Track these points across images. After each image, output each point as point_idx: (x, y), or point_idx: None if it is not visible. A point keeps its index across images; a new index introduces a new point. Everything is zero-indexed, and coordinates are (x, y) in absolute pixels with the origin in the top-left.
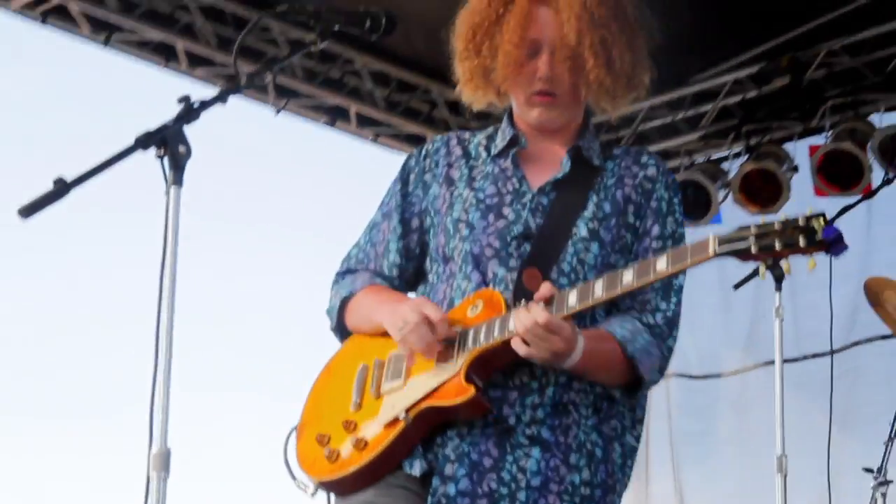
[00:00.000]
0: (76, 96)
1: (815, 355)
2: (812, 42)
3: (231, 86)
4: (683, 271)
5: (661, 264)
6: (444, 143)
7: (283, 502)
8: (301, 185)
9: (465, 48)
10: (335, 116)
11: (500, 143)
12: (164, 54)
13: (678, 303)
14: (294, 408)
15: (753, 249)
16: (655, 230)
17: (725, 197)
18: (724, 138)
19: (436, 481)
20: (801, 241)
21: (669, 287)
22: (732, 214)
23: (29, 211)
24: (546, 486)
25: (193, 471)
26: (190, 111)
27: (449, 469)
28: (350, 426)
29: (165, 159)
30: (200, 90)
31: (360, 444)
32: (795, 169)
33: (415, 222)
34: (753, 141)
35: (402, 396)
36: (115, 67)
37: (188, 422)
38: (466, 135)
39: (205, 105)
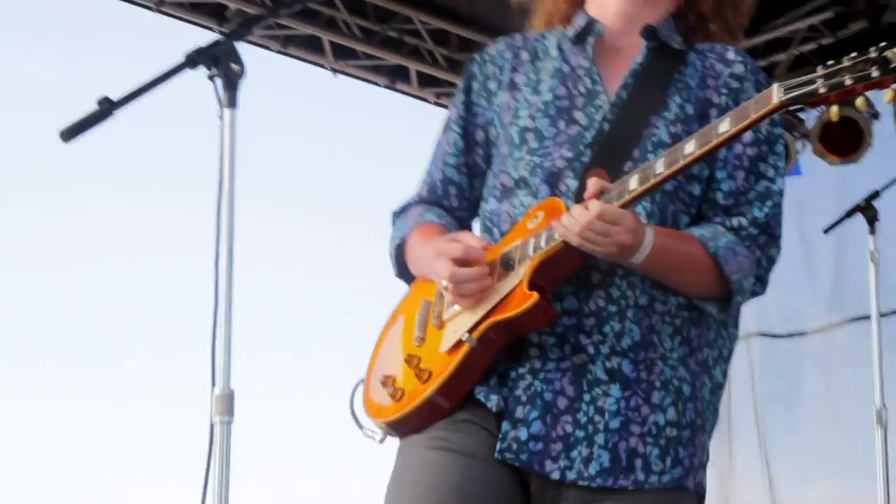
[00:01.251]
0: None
1: None
2: None
3: (286, 0)
4: (776, 177)
5: (724, 125)
6: (508, 46)
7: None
8: (362, 147)
9: None
10: (395, 77)
11: (570, 33)
12: (218, 18)
13: (775, 207)
14: (365, 353)
15: (822, 90)
16: (748, 135)
17: (804, 148)
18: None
19: (506, 425)
20: (875, 72)
21: (765, 193)
22: (812, 165)
23: (71, 133)
24: (627, 427)
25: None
26: (244, 26)
27: (520, 412)
28: (413, 360)
29: (218, 80)
30: (257, 53)
31: (424, 376)
32: (876, 115)
33: (479, 135)
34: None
35: (464, 319)
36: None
37: (255, 367)
38: (534, 34)
39: (259, 18)
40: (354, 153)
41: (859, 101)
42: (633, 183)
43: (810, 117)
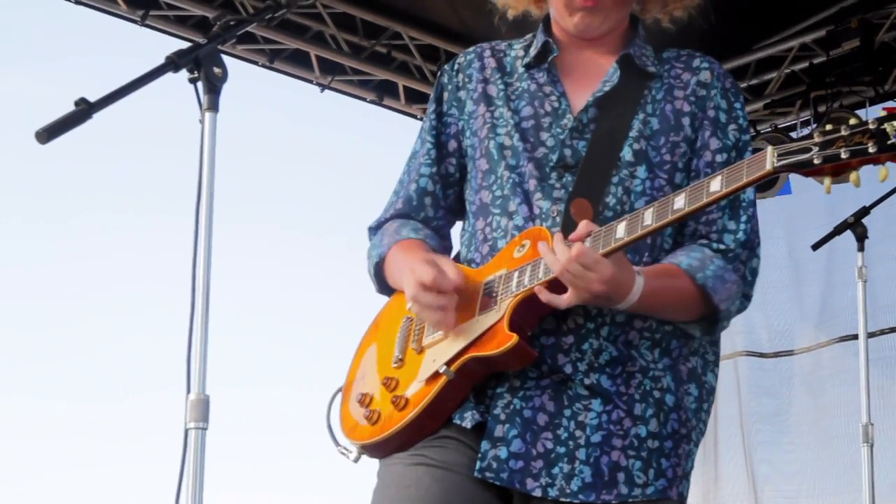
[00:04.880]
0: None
1: (892, 329)
2: (882, 3)
3: (269, 4)
4: (745, 190)
5: (715, 185)
6: (477, 56)
7: (330, 465)
8: (348, 163)
9: None
10: (382, 92)
11: (532, 52)
12: (205, 30)
13: (750, 220)
14: (342, 365)
15: (817, 160)
16: (715, 143)
17: None
18: (790, 106)
19: (485, 444)
20: (872, 147)
21: (737, 204)
22: (802, 185)
23: (48, 134)
24: (608, 441)
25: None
26: (226, 29)
27: (499, 430)
28: (391, 384)
29: (199, 83)
30: (244, 68)
31: (400, 403)
32: None
33: (451, 144)
34: (822, 108)
35: (443, 349)
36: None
37: (231, 379)
38: (502, 45)
39: (241, 24)
40: (340, 169)
41: (853, 177)
42: (621, 231)
43: (801, 134)
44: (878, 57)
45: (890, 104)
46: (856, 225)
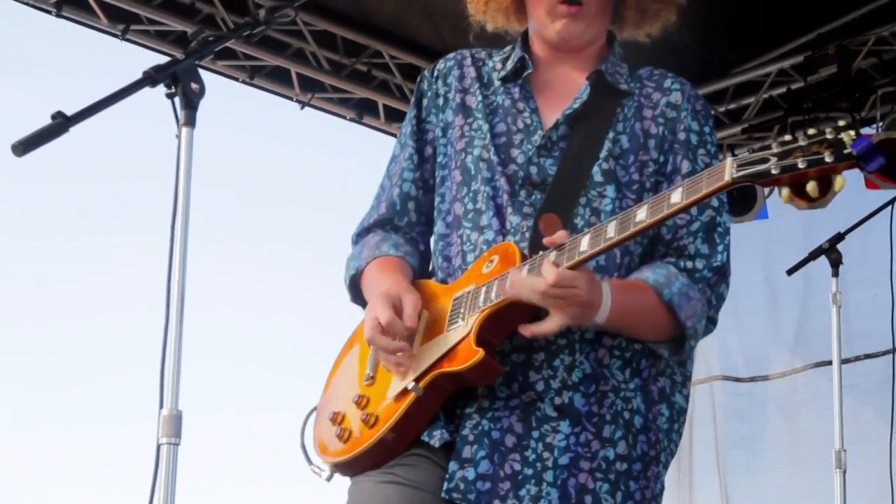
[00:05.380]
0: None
1: (867, 356)
2: (860, 29)
3: (248, 21)
4: (720, 208)
5: (676, 196)
6: (457, 63)
7: (304, 484)
8: (328, 182)
9: None
10: (363, 111)
11: (508, 66)
12: (185, 45)
13: (724, 246)
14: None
15: (774, 171)
16: (685, 166)
17: (771, 192)
18: (768, 131)
19: (452, 465)
20: (828, 157)
21: (712, 228)
22: (779, 209)
23: (24, 147)
24: (576, 463)
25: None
26: (204, 45)
27: (467, 451)
28: (362, 402)
29: (176, 98)
30: (224, 84)
31: (371, 421)
32: None
33: (428, 150)
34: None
35: (412, 365)
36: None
37: (203, 393)
38: (482, 54)
39: (219, 40)
40: (319, 186)
41: (810, 186)
42: (584, 244)
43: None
44: (855, 83)
45: (867, 130)
46: (830, 251)
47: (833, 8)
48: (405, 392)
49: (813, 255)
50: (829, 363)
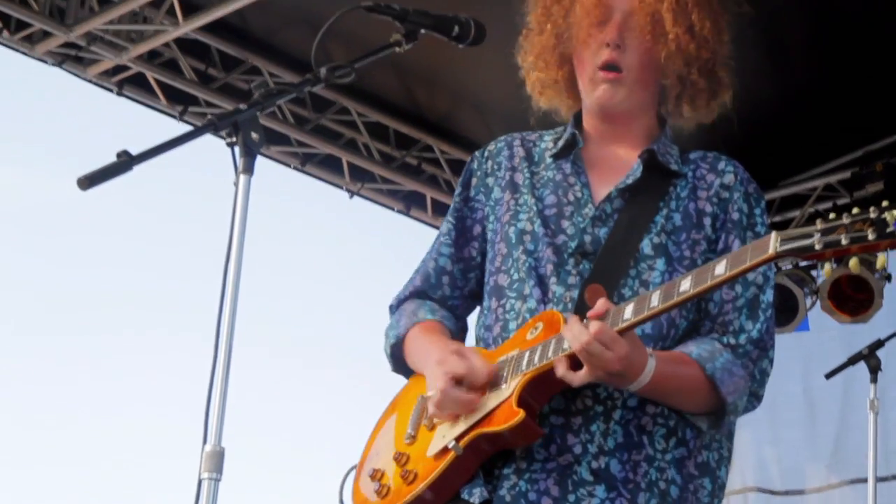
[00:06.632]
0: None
1: None
2: None
3: (311, 77)
4: (765, 286)
5: (720, 268)
6: (507, 145)
7: None
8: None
9: (537, 21)
10: (411, 203)
11: (560, 143)
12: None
13: (767, 322)
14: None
15: (818, 246)
16: (736, 245)
17: (813, 304)
18: None
19: None
20: (871, 234)
21: (755, 305)
22: (820, 322)
23: (89, 182)
24: None
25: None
26: (267, 97)
27: None
28: (402, 459)
29: (236, 147)
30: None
31: (409, 477)
32: (888, 278)
33: (476, 229)
34: None
35: (453, 425)
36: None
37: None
38: (533, 136)
39: (282, 93)
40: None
41: (852, 263)
42: (628, 312)
43: (820, 275)
44: None
45: None
46: (870, 357)
47: (882, 126)
48: (445, 451)
49: (852, 361)
50: (865, 480)
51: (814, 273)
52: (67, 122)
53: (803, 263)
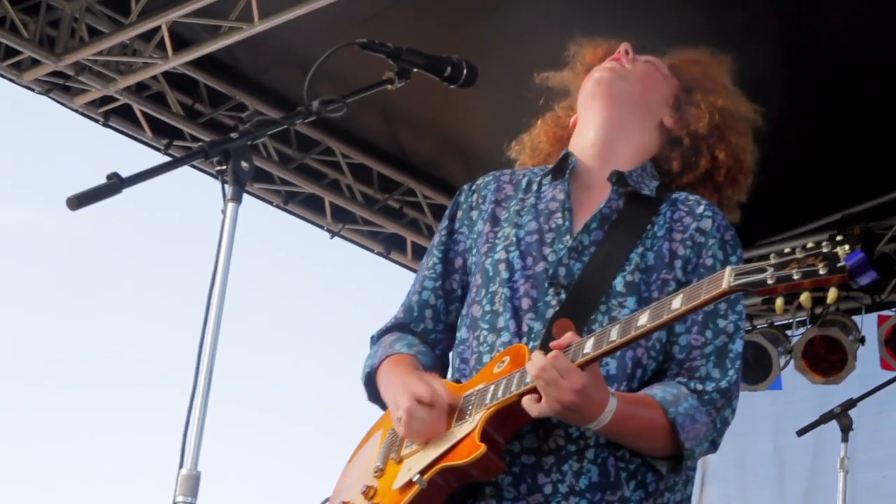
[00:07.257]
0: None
1: None
2: (884, 215)
3: (301, 111)
4: (735, 335)
5: (676, 302)
6: (494, 179)
7: None
8: (350, 310)
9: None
10: (391, 246)
11: (550, 168)
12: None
13: (736, 373)
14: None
15: (770, 281)
16: None
17: (787, 363)
18: (788, 304)
19: None
20: (822, 269)
21: (724, 354)
22: (793, 381)
23: (79, 202)
24: None
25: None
26: (258, 127)
27: None
28: (369, 492)
29: (226, 174)
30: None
31: None
32: (862, 340)
33: (458, 262)
34: (819, 310)
35: (418, 458)
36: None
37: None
38: (520, 173)
39: (274, 123)
40: (342, 314)
41: (803, 298)
42: (588, 346)
43: (795, 335)
44: (877, 266)
45: (885, 313)
46: (842, 416)
47: (861, 191)
48: (410, 484)
49: (824, 419)
50: None
51: (788, 332)
52: (51, 150)
53: (777, 322)
